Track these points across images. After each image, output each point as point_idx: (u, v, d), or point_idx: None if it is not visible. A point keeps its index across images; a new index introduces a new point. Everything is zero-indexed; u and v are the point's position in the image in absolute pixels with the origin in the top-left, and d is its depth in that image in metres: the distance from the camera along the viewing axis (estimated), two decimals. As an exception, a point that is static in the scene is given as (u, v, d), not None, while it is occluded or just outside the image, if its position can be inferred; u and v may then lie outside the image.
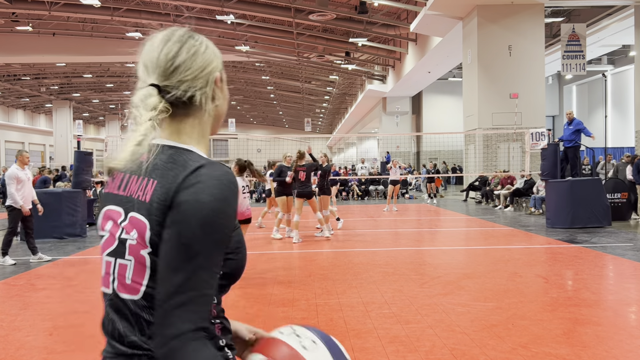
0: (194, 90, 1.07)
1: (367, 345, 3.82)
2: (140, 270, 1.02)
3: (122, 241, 1.05)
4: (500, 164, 17.34)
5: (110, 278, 1.07)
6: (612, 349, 3.67)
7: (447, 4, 16.58)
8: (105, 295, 1.10)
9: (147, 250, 1.01)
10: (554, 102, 31.55)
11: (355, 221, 12.72)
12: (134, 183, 1.06)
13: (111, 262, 1.07)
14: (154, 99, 1.04)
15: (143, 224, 1.02)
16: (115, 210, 1.09)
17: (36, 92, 38.50)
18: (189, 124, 1.09)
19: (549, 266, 6.76)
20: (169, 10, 21.87)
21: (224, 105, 1.18)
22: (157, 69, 1.07)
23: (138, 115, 1.03)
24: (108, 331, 1.08)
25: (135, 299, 1.03)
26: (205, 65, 1.09)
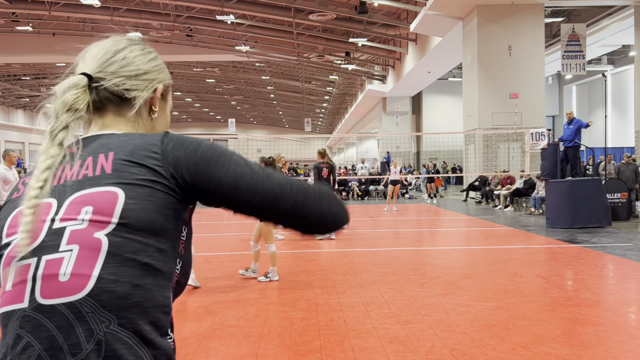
0: (128, 87, 0.97)
1: (367, 346, 3.82)
2: (90, 257, 0.83)
3: (56, 231, 0.85)
4: (500, 164, 17.34)
5: (26, 287, 0.83)
6: (612, 349, 3.67)
7: (447, 4, 16.58)
8: (6, 316, 0.84)
9: (109, 228, 0.84)
10: (553, 102, 31.56)
11: (355, 221, 12.72)
12: (62, 171, 0.91)
13: (30, 264, 0.84)
14: (71, 93, 0.92)
15: (110, 195, 0.86)
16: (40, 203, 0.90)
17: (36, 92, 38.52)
18: (121, 123, 0.98)
19: (549, 266, 6.76)
20: (169, 10, 21.87)
21: (162, 123, 1.05)
22: (95, 61, 0.98)
23: (53, 115, 0.92)
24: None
25: (76, 299, 0.81)
26: (148, 70, 1.01)
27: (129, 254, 0.84)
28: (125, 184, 0.87)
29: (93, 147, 0.93)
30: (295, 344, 3.88)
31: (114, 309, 0.82)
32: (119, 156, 0.90)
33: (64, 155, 0.91)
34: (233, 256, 7.82)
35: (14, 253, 0.86)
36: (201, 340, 3.97)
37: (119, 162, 0.89)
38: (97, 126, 0.98)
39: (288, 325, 4.33)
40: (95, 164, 0.90)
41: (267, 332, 4.14)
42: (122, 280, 0.83)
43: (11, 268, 0.86)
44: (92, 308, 0.81)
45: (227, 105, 51.58)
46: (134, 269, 0.84)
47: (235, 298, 5.27)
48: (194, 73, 35.62)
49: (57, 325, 0.81)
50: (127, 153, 0.90)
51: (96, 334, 0.81)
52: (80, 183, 0.88)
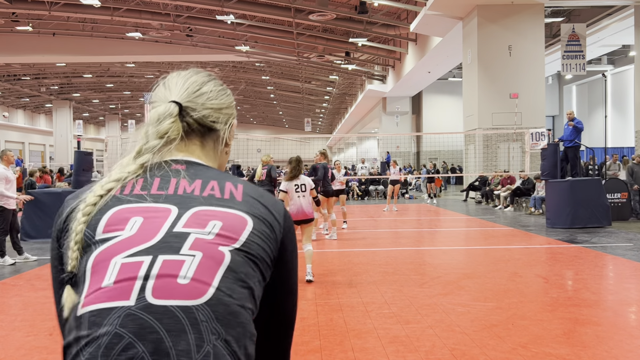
0: (214, 119, 1.02)
1: (367, 346, 3.81)
2: (211, 267, 0.82)
3: (178, 235, 0.84)
4: (500, 164, 17.34)
5: (134, 284, 0.79)
6: (612, 349, 3.67)
7: (447, 4, 16.57)
8: (100, 314, 0.78)
9: (234, 246, 0.85)
10: (554, 102, 31.56)
11: (355, 221, 12.71)
12: (177, 183, 0.92)
13: (143, 262, 0.81)
14: (167, 123, 0.95)
15: (241, 219, 0.88)
16: (150, 206, 0.88)
17: (36, 92, 38.52)
18: (201, 152, 1.01)
19: (549, 266, 6.76)
20: (169, 10, 21.87)
21: (227, 158, 1.11)
22: (182, 91, 1.01)
23: (144, 139, 0.96)
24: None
25: (194, 305, 0.79)
26: (229, 104, 1.06)
27: (242, 274, 0.85)
28: (254, 216, 0.91)
29: (210, 174, 0.96)
30: (295, 344, 3.87)
31: (224, 323, 0.80)
32: (249, 192, 0.94)
33: (146, 170, 0.94)
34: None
35: (116, 249, 0.83)
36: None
37: (250, 197, 0.93)
38: (181, 154, 0.99)
39: (288, 325, 4.33)
40: (222, 189, 0.93)
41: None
42: (235, 297, 0.83)
43: (113, 263, 0.82)
44: (208, 317, 0.79)
45: (227, 105, 51.50)
46: (243, 290, 0.85)
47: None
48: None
49: (167, 328, 0.77)
50: (258, 194, 0.95)
51: (206, 344, 0.78)
52: (207, 200, 0.90)
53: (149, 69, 33.90)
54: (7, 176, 7.31)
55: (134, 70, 33.87)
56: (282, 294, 0.97)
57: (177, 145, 0.98)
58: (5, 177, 7.27)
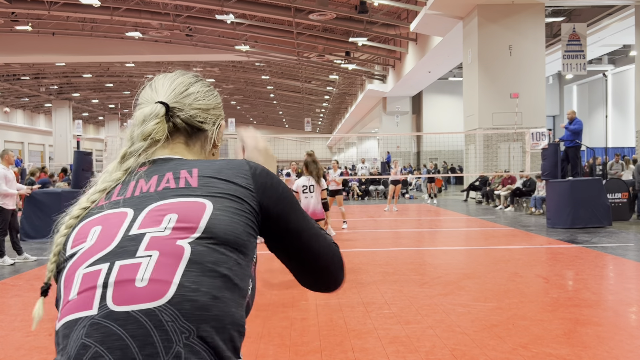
0: (202, 119, 1.02)
1: (367, 346, 3.80)
2: (171, 264, 0.80)
3: (133, 237, 0.83)
4: (501, 164, 17.33)
5: (95, 293, 0.79)
6: (613, 349, 3.66)
7: (447, 3, 16.56)
8: (69, 325, 0.79)
9: (194, 236, 0.82)
10: (554, 102, 31.54)
11: (355, 221, 12.70)
12: (136, 185, 0.92)
13: (101, 270, 0.80)
14: (152, 124, 0.95)
15: (197, 205, 0.86)
16: (108, 213, 0.88)
17: (35, 92, 38.52)
18: (187, 152, 1.01)
19: (549, 266, 6.75)
20: (168, 9, 21.86)
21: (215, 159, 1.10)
22: (169, 92, 1.01)
23: (129, 142, 0.95)
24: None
25: (155, 306, 0.77)
26: (216, 105, 1.06)
27: (210, 263, 0.81)
28: (213, 196, 0.87)
29: (169, 165, 0.94)
30: (295, 345, 3.86)
31: (194, 319, 0.77)
32: (205, 173, 0.91)
33: (125, 178, 0.94)
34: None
35: (79, 262, 0.83)
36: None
37: (206, 178, 0.90)
38: (165, 150, 0.99)
39: (288, 326, 4.32)
40: (177, 178, 0.90)
41: (267, 333, 4.13)
42: (203, 290, 0.79)
43: (77, 275, 0.82)
44: (173, 316, 0.76)
45: (227, 105, 51.54)
46: (214, 280, 0.81)
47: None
48: (193, 73, 35.60)
49: (131, 333, 0.75)
50: (214, 171, 0.92)
51: (175, 344, 0.75)
52: (162, 194, 0.88)
53: (148, 68, 33.90)
54: (7, 175, 7.32)
55: (134, 70, 33.86)
56: (297, 239, 0.97)
57: (163, 145, 0.98)
58: (4, 177, 7.28)
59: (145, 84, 1.06)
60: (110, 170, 0.94)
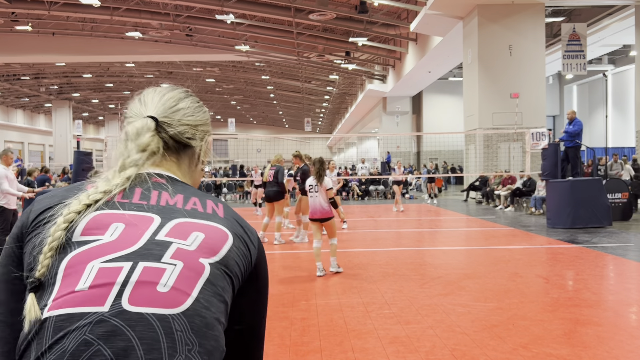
0: (190, 135, 1.01)
1: (368, 346, 3.80)
2: (191, 277, 0.81)
3: (159, 243, 0.83)
4: (501, 164, 17.32)
5: (111, 290, 0.77)
6: (613, 349, 3.66)
7: (447, 3, 16.56)
8: (69, 318, 0.75)
9: (214, 259, 0.85)
10: (554, 102, 31.54)
11: (355, 221, 12.70)
12: (160, 195, 0.91)
13: (122, 268, 0.79)
14: (147, 137, 0.95)
15: (222, 233, 0.89)
16: (132, 214, 0.87)
17: (35, 92, 38.53)
18: (177, 169, 1.01)
19: (549, 266, 6.74)
20: (168, 9, 21.86)
21: (201, 174, 1.10)
22: (158, 106, 1.00)
23: (125, 154, 0.94)
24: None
25: (170, 314, 0.77)
26: (205, 121, 1.06)
27: (220, 288, 0.84)
28: (234, 233, 0.91)
29: (191, 191, 0.96)
30: (295, 345, 3.86)
31: (199, 335, 0.79)
32: (228, 211, 0.95)
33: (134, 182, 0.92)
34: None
35: (95, 253, 0.81)
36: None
37: (229, 215, 0.94)
38: (157, 169, 0.98)
39: (288, 326, 4.32)
40: (204, 204, 0.93)
41: (267, 333, 4.12)
42: (212, 309, 0.82)
43: (90, 267, 0.79)
44: (183, 327, 0.77)
45: (227, 105, 51.57)
46: (220, 304, 0.84)
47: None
48: (193, 73, 35.61)
49: (139, 335, 0.74)
50: (236, 215, 0.96)
51: (178, 354, 0.75)
52: (190, 212, 0.90)
53: (148, 68, 33.89)
54: (7, 175, 7.31)
55: (134, 70, 33.85)
56: (254, 309, 0.95)
57: (155, 162, 0.97)
58: (5, 177, 7.27)
59: (134, 97, 1.05)
60: (110, 178, 0.92)
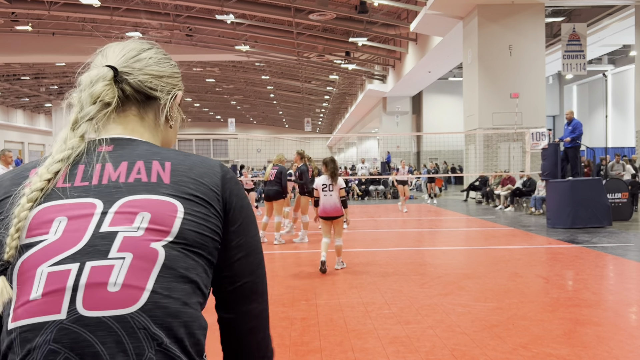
0: (154, 86, 0.94)
1: (367, 346, 3.80)
2: (144, 268, 0.77)
3: (104, 236, 0.78)
4: (501, 164, 17.32)
5: (63, 296, 0.74)
6: (613, 349, 3.66)
7: (447, 3, 16.56)
8: (32, 329, 0.74)
9: (167, 239, 0.79)
10: (554, 102, 31.55)
11: (355, 221, 12.70)
12: (102, 169, 0.84)
13: (70, 270, 0.75)
14: (100, 85, 0.88)
15: (170, 206, 0.81)
16: (74, 203, 0.81)
17: (36, 92, 38.52)
18: (142, 127, 0.94)
19: (549, 266, 6.74)
20: (168, 10, 21.86)
21: (174, 134, 1.02)
22: (119, 57, 0.94)
23: (78, 106, 0.88)
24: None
25: (128, 313, 0.74)
26: (171, 74, 0.98)
27: (182, 269, 0.79)
28: (184, 198, 0.83)
29: (139, 151, 0.88)
30: (295, 344, 3.86)
31: (165, 326, 0.76)
32: (177, 169, 0.86)
33: (84, 151, 0.86)
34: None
35: (41, 256, 0.77)
36: (200, 340, 3.95)
37: (178, 175, 0.86)
38: (119, 127, 0.92)
39: (288, 326, 4.32)
40: (149, 170, 0.85)
41: (266, 333, 4.13)
42: (175, 296, 0.78)
43: (39, 272, 0.75)
44: (144, 324, 0.75)
45: (227, 105, 51.57)
46: (185, 286, 0.79)
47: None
48: (193, 73, 35.60)
49: (101, 340, 0.72)
50: (187, 167, 0.87)
51: (147, 351, 0.74)
52: (132, 187, 0.82)
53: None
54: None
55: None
56: (241, 253, 0.90)
57: (114, 117, 0.91)
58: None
59: (98, 51, 0.99)
60: (64, 138, 0.86)
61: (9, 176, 0.87)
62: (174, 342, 0.77)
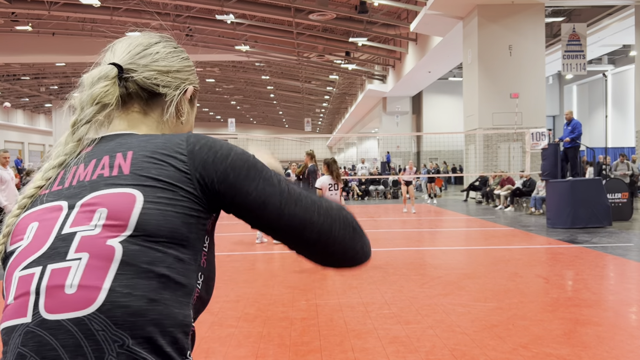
0: (160, 82, 0.91)
1: (367, 346, 3.80)
2: (101, 267, 0.74)
3: (65, 237, 0.77)
4: (501, 164, 17.33)
5: (29, 300, 0.75)
6: (613, 349, 3.66)
7: (447, 3, 16.56)
8: (7, 332, 0.76)
9: (125, 234, 0.76)
10: (554, 102, 31.55)
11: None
12: (76, 171, 0.83)
13: (34, 274, 0.76)
14: (100, 86, 0.86)
15: (127, 197, 0.78)
16: (45, 207, 0.81)
17: (35, 92, 38.52)
18: (145, 124, 0.91)
19: (549, 266, 6.74)
20: (168, 10, 21.86)
21: (187, 129, 0.99)
22: (125, 53, 0.92)
23: (79, 108, 0.87)
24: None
25: (85, 315, 0.72)
26: (180, 68, 0.95)
27: (145, 264, 0.75)
28: (144, 185, 0.79)
29: (110, 145, 0.85)
30: (295, 345, 3.86)
31: (127, 326, 0.73)
32: (139, 155, 0.82)
33: (77, 154, 0.85)
34: (233, 256, 7.81)
35: (16, 262, 0.78)
36: (201, 340, 3.95)
37: (139, 162, 0.81)
38: (122, 124, 0.90)
39: (288, 326, 4.32)
40: (112, 163, 0.82)
41: (267, 333, 4.13)
42: (137, 294, 0.74)
43: (14, 277, 0.77)
44: (103, 325, 0.72)
45: (227, 105, 51.59)
46: (150, 281, 0.75)
47: (234, 298, 5.25)
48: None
49: (62, 344, 0.72)
50: (150, 151, 0.82)
51: (108, 354, 0.71)
52: (95, 184, 0.80)
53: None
54: (2, 176, 7.27)
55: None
56: (264, 211, 0.84)
57: (118, 114, 0.89)
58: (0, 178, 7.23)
59: (109, 46, 0.97)
60: (63, 142, 0.85)
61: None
62: (142, 342, 0.73)
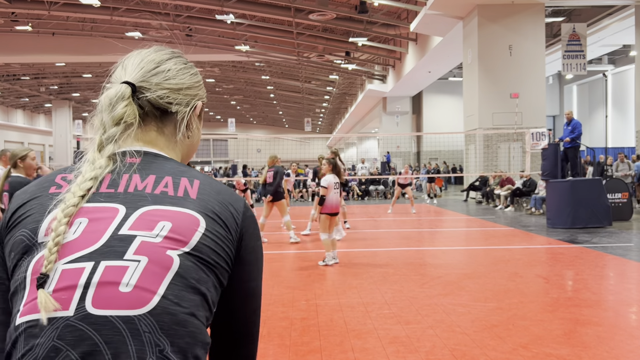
0: (172, 100, 0.93)
1: (368, 346, 3.80)
2: (158, 273, 0.77)
3: (123, 238, 0.79)
4: (501, 164, 17.33)
5: (74, 293, 0.75)
6: (613, 349, 3.66)
7: (447, 3, 16.56)
8: (40, 325, 0.74)
9: (183, 250, 0.80)
10: (554, 102, 31.55)
11: (355, 221, 12.70)
12: (129, 179, 0.86)
13: (84, 268, 0.76)
14: (121, 107, 0.88)
15: (192, 219, 0.82)
16: (97, 206, 0.83)
17: (35, 92, 38.51)
18: (161, 141, 0.94)
19: (549, 266, 6.74)
20: (168, 9, 21.86)
21: (196, 142, 1.01)
22: (137, 70, 0.93)
23: (101, 129, 0.89)
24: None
25: (135, 315, 0.75)
26: (191, 85, 0.98)
27: (193, 280, 0.80)
28: (208, 216, 0.84)
29: (167, 168, 0.89)
30: (295, 345, 3.86)
31: (170, 333, 0.75)
32: (205, 188, 0.88)
33: (114, 166, 0.87)
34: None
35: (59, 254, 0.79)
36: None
37: (206, 194, 0.87)
38: (139, 141, 0.92)
39: (288, 326, 4.32)
40: (176, 185, 0.86)
41: (267, 333, 4.13)
42: (184, 305, 0.78)
43: (54, 270, 0.76)
44: (150, 327, 0.74)
45: (227, 105, 51.57)
46: (195, 296, 0.79)
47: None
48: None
49: (105, 339, 0.73)
50: (215, 190, 0.89)
51: (149, 356, 0.73)
52: (158, 198, 0.84)
53: (148, 68, 33.82)
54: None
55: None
56: (240, 297, 0.91)
57: (135, 132, 0.91)
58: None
59: (119, 62, 0.99)
60: (91, 160, 0.87)
61: (34, 182, 0.90)
62: (177, 352, 0.76)
